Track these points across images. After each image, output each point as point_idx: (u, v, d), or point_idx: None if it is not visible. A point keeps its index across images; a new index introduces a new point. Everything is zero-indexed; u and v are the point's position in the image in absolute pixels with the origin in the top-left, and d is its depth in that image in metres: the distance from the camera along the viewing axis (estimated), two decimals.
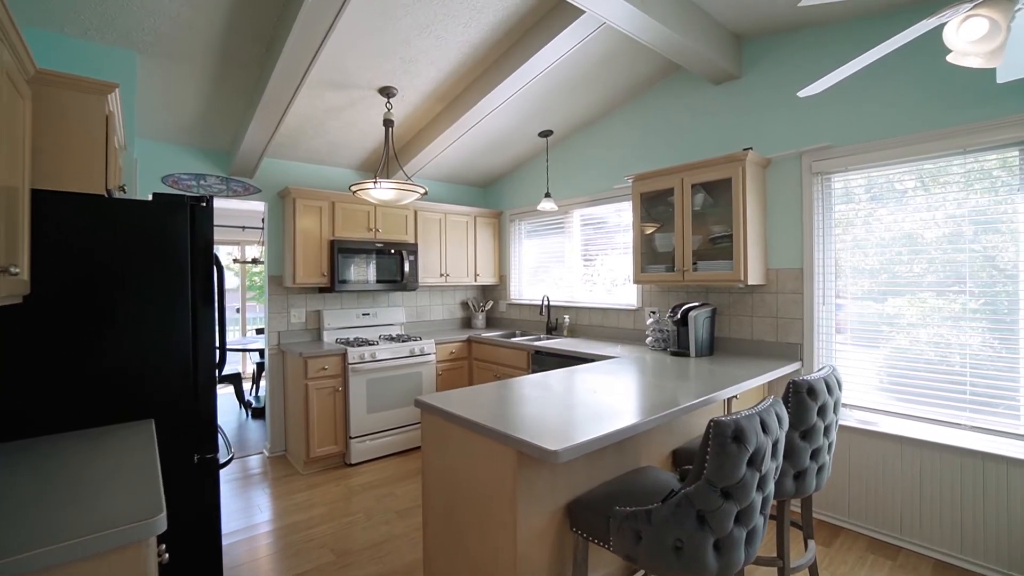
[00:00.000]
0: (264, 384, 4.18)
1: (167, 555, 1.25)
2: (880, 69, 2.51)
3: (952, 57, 1.37)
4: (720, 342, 3.21)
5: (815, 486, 1.88)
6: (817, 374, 1.89)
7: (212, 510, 1.92)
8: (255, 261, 5.61)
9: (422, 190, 3.13)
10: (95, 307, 1.67)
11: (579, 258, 4.28)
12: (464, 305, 5.15)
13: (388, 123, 3.20)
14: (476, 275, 4.80)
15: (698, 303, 3.08)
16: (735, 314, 3.15)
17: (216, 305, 2.21)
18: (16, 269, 1.20)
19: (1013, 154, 2.20)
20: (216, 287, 2.42)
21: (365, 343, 3.84)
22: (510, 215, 4.93)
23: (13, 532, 0.96)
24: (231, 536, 2.71)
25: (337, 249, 3.82)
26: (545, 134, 4.10)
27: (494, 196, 5.20)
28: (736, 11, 2.72)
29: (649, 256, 3.39)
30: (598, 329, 4.02)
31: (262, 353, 5.21)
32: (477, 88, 3.15)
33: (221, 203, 6.05)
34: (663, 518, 1.36)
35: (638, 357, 3.03)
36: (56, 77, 1.54)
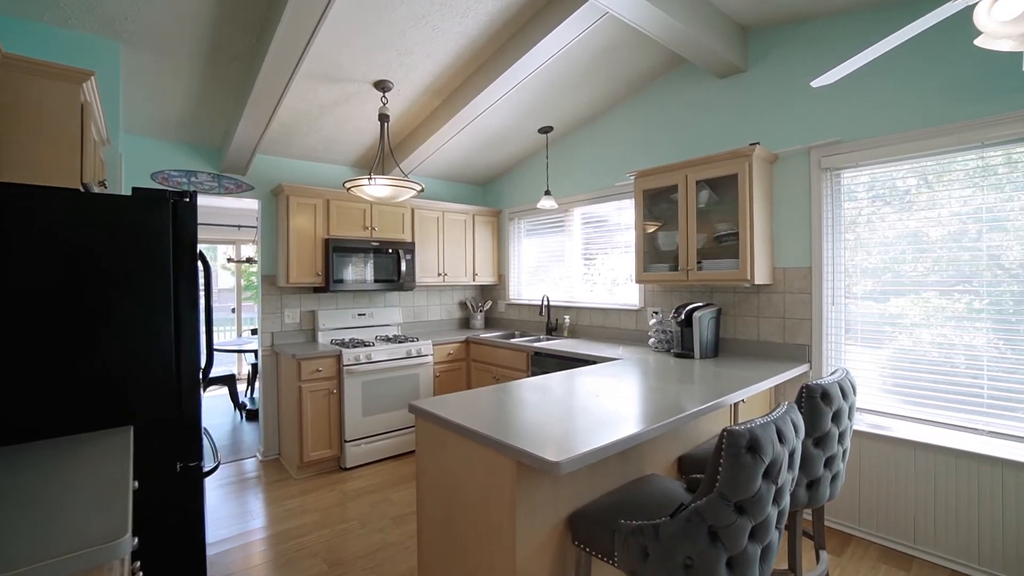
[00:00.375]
0: (259, 386, 4.08)
1: (140, 574, 1.16)
2: (894, 59, 2.42)
3: (981, 40, 1.29)
4: (725, 343, 3.12)
5: (829, 495, 1.79)
6: (831, 378, 1.81)
7: (196, 520, 1.83)
8: (250, 261, 5.51)
9: (418, 187, 3.04)
10: (68, 308, 1.58)
11: (579, 257, 4.19)
12: (462, 305, 5.06)
13: (384, 118, 3.10)
14: (475, 275, 4.71)
15: (702, 303, 3.00)
16: (740, 314, 3.06)
17: (202, 306, 2.12)
18: None
19: None
20: (203, 287, 2.34)
21: (360, 344, 3.75)
22: (509, 213, 4.84)
23: None
24: (219, 545, 2.62)
25: (332, 248, 3.73)
26: (545, 130, 4.01)
27: (493, 194, 5.11)
28: (742, 1, 2.63)
29: (652, 255, 3.30)
30: (599, 330, 3.94)
31: (257, 354, 5.12)
32: (475, 82, 3.06)
33: (215, 201, 5.98)
34: (672, 534, 1.27)
35: (641, 359, 2.94)
36: (25, 63, 1.45)
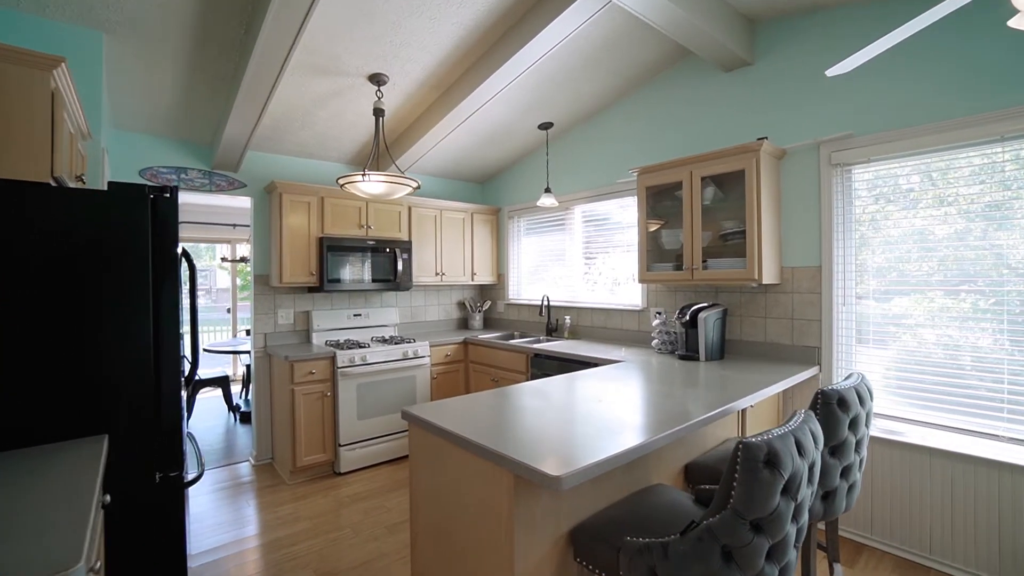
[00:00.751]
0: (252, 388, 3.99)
1: None
2: (911, 48, 2.32)
3: (1016, 20, 1.19)
4: (731, 345, 3.03)
5: (845, 507, 1.69)
6: (847, 383, 1.71)
7: (176, 534, 1.73)
8: (244, 260, 5.42)
9: (414, 183, 2.95)
10: (35, 312, 1.48)
11: (580, 256, 4.09)
12: (461, 305, 4.96)
13: (378, 112, 3.01)
14: (473, 274, 4.62)
15: (707, 303, 2.90)
16: (747, 315, 2.96)
17: (185, 307, 2.03)
18: None
19: None
20: (188, 287, 2.24)
21: (356, 345, 3.66)
22: (508, 211, 4.74)
23: None
24: (206, 555, 2.52)
25: (326, 247, 3.63)
26: (545, 126, 3.91)
27: (492, 192, 5.01)
28: None
29: (655, 254, 3.20)
30: (600, 331, 3.84)
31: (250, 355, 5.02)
32: (473, 75, 2.96)
33: (209, 199, 5.89)
34: (683, 553, 1.18)
35: (644, 361, 2.85)
36: None
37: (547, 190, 3.81)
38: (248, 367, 5.48)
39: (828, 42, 2.59)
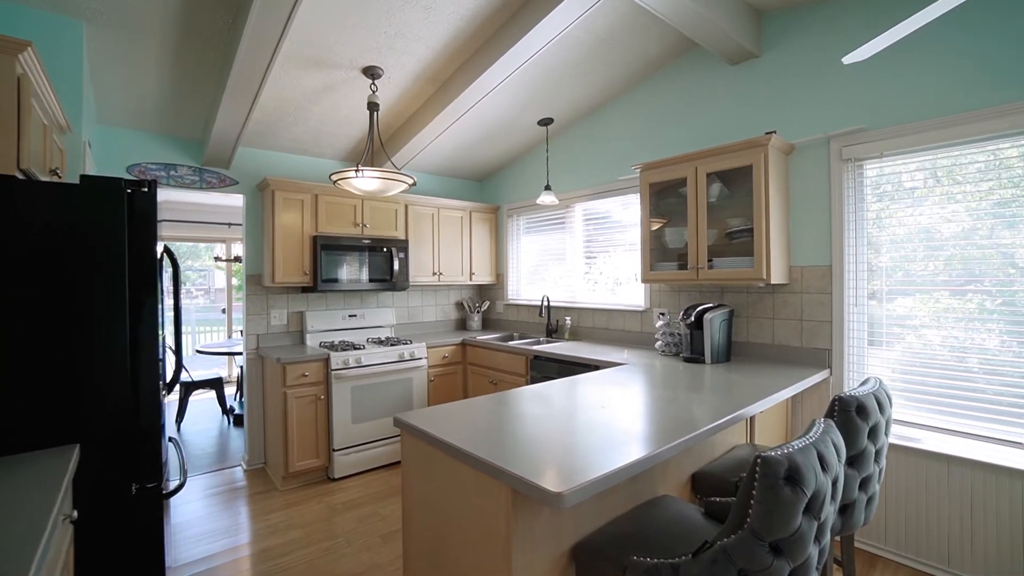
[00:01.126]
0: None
1: None
2: (929, 35, 2.22)
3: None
4: (738, 347, 2.93)
5: (863, 520, 1.60)
6: (864, 388, 1.61)
7: (153, 549, 1.63)
8: (237, 259, 5.32)
9: (409, 180, 2.85)
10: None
11: (581, 255, 3.99)
12: (459, 306, 4.86)
13: (373, 106, 2.91)
14: (471, 274, 4.52)
15: (713, 304, 2.80)
16: (754, 316, 2.86)
17: (167, 308, 1.93)
18: None
19: None
20: (172, 287, 2.14)
21: (351, 347, 3.56)
22: (508, 210, 4.65)
23: None
24: (191, 567, 2.42)
25: (320, 245, 3.54)
26: (545, 122, 3.82)
27: (491, 190, 4.92)
28: None
29: (658, 253, 3.11)
30: (602, 332, 3.74)
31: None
32: (470, 68, 2.87)
33: (204, 198, 5.78)
34: None
35: (647, 364, 2.75)
36: None
37: (547, 188, 3.71)
38: (243, 368, 5.39)
39: (837, 34, 2.50)
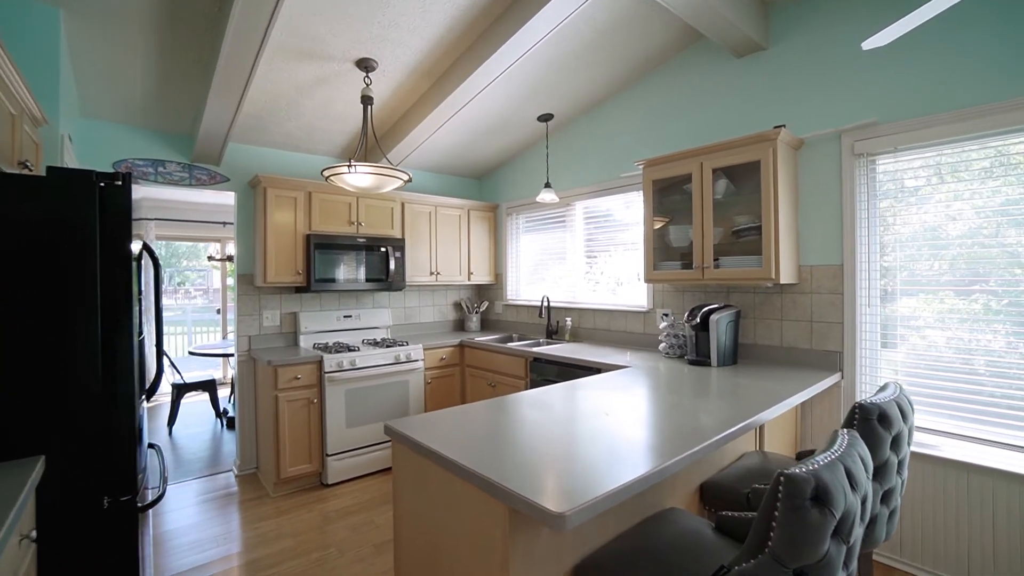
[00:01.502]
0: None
1: None
2: (946, 24, 2.13)
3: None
4: (744, 349, 2.83)
5: (885, 536, 1.50)
6: (886, 395, 1.51)
7: (128, 565, 1.53)
8: (230, 259, 5.22)
9: (405, 176, 2.75)
10: None
11: (582, 255, 3.89)
12: (457, 306, 4.76)
13: (367, 100, 2.81)
14: (470, 273, 4.42)
15: (719, 305, 2.70)
16: (762, 317, 2.77)
17: (144, 309, 1.83)
18: None
19: None
20: (153, 288, 2.04)
21: (345, 348, 3.46)
22: (507, 208, 4.55)
23: None
24: None
25: (314, 244, 3.44)
26: (545, 118, 3.72)
27: (489, 188, 4.82)
28: None
29: (662, 252, 3.01)
30: (603, 333, 3.64)
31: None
32: (467, 61, 2.77)
33: (198, 196, 5.68)
34: None
35: (651, 367, 2.65)
36: None
37: (547, 185, 3.61)
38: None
39: (849, 24, 2.40)
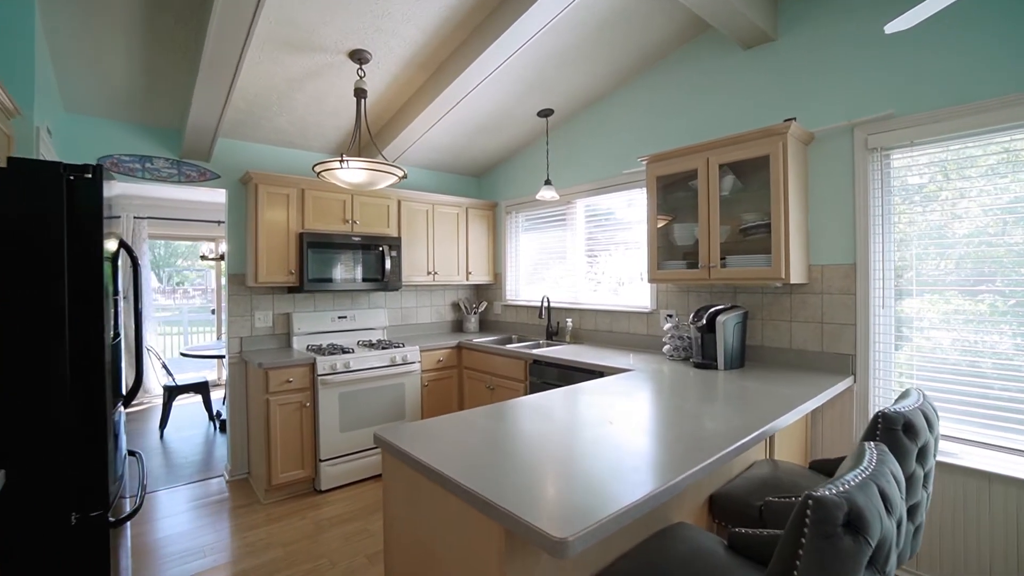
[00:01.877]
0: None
1: None
2: (969, 8, 2.03)
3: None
4: (752, 351, 2.73)
5: (909, 554, 1.39)
6: (909, 403, 1.41)
7: None
8: (223, 257, 5.12)
9: (400, 172, 2.65)
10: None
11: (583, 254, 3.79)
12: (455, 307, 4.66)
13: (360, 93, 2.71)
14: (468, 273, 4.32)
15: (725, 305, 2.60)
16: (770, 318, 2.67)
17: (118, 312, 1.73)
18: None
19: None
20: (134, 288, 1.94)
21: (339, 350, 3.36)
22: (506, 206, 4.44)
23: None
24: None
25: (307, 243, 3.34)
26: (545, 113, 3.62)
27: (488, 185, 4.72)
28: None
29: (666, 251, 2.91)
30: (605, 334, 3.54)
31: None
32: (464, 52, 2.67)
33: (194, 194, 5.59)
34: None
35: (655, 370, 2.55)
36: None
37: (547, 182, 3.51)
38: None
39: (862, 12, 2.30)
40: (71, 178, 1.41)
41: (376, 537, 2.65)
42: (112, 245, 1.69)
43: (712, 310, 2.57)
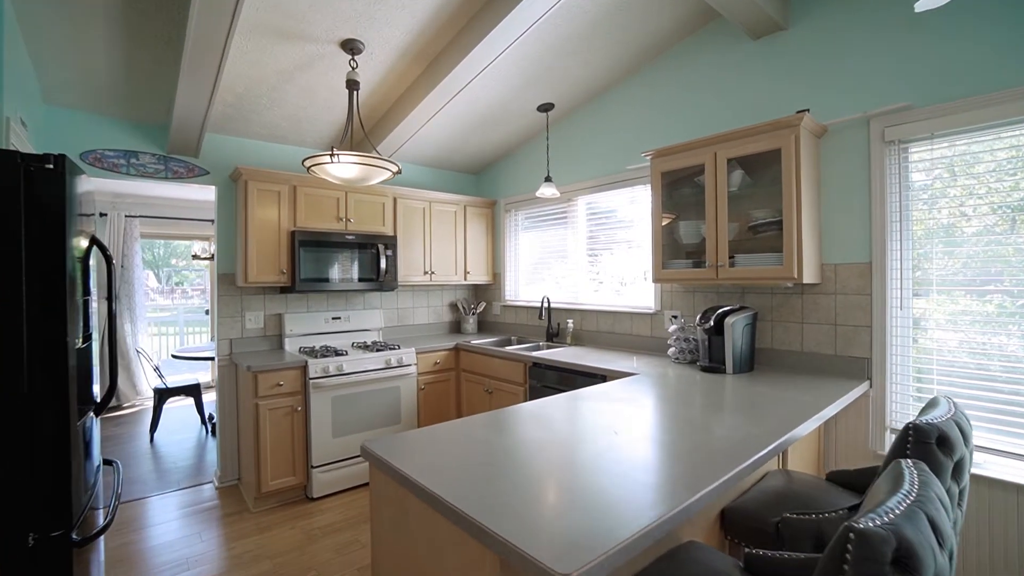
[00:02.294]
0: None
1: None
2: None
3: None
4: (761, 354, 2.62)
5: None
6: (940, 413, 1.30)
7: None
8: (213, 257, 5.01)
9: (394, 167, 2.54)
10: None
11: (584, 253, 3.68)
12: (453, 307, 4.55)
13: (352, 85, 2.60)
14: (466, 273, 4.20)
15: (733, 306, 2.49)
16: (779, 320, 2.55)
17: (91, 312, 1.62)
18: None
19: None
20: (108, 288, 1.83)
21: (332, 353, 3.24)
22: (505, 204, 4.33)
23: None
24: None
25: (299, 241, 3.22)
26: (545, 108, 3.51)
27: (487, 183, 4.60)
28: None
29: (671, 249, 2.80)
30: (607, 336, 3.43)
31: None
32: (461, 42, 2.55)
33: (181, 192, 5.47)
34: None
35: (660, 373, 2.44)
36: None
37: (547, 179, 3.40)
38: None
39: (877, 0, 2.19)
40: (30, 169, 1.30)
41: (368, 548, 2.54)
42: (83, 243, 1.58)
43: (720, 311, 2.46)
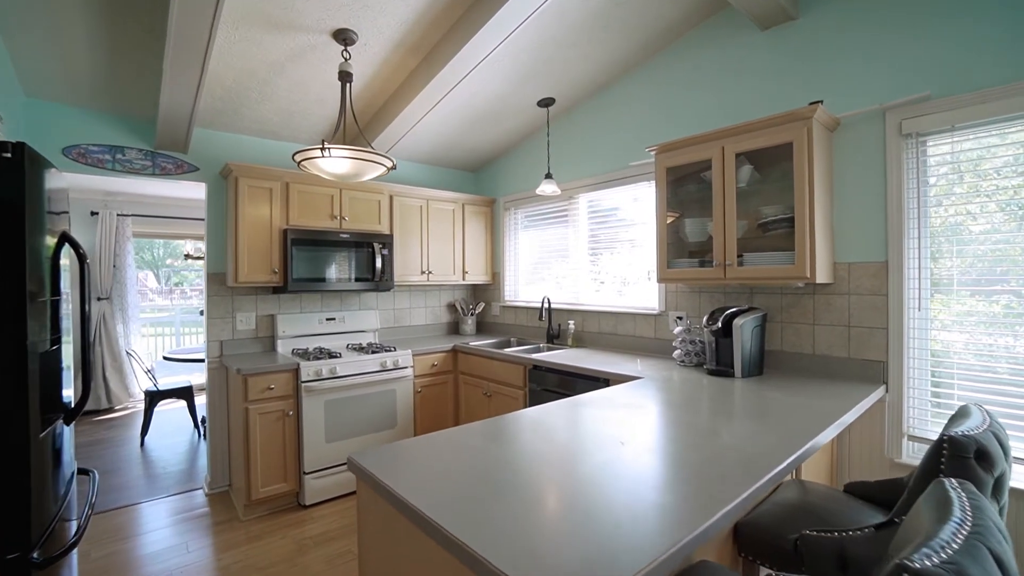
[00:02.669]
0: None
1: None
2: None
3: None
4: (770, 357, 2.52)
5: None
6: (975, 424, 1.20)
7: None
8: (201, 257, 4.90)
9: (388, 162, 2.44)
10: None
11: (586, 252, 3.58)
12: (451, 308, 4.45)
13: (345, 76, 2.50)
14: (465, 273, 4.10)
15: (742, 307, 2.39)
16: (790, 321, 2.45)
17: (62, 314, 1.51)
18: None
19: None
20: (80, 288, 1.73)
21: (326, 355, 3.14)
22: (504, 202, 4.23)
23: None
24: None
25: (291, 240, 3.12)
26: (545, 103, 3.40)
27: (486, 181, 4.50)
28: None
29: (676, 248, 2.70)
30: (609, 337, 3.33)
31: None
32: (459, 32, 2.45)
33: (175, 190, 5.36)
34: None
35: (666, 377, 2.34)
36: None
37: (548, 176, 3.30)
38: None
39: None
40: None
41: None
42: (51, 240, 1.47)
43: (729, 312, 2.36)
